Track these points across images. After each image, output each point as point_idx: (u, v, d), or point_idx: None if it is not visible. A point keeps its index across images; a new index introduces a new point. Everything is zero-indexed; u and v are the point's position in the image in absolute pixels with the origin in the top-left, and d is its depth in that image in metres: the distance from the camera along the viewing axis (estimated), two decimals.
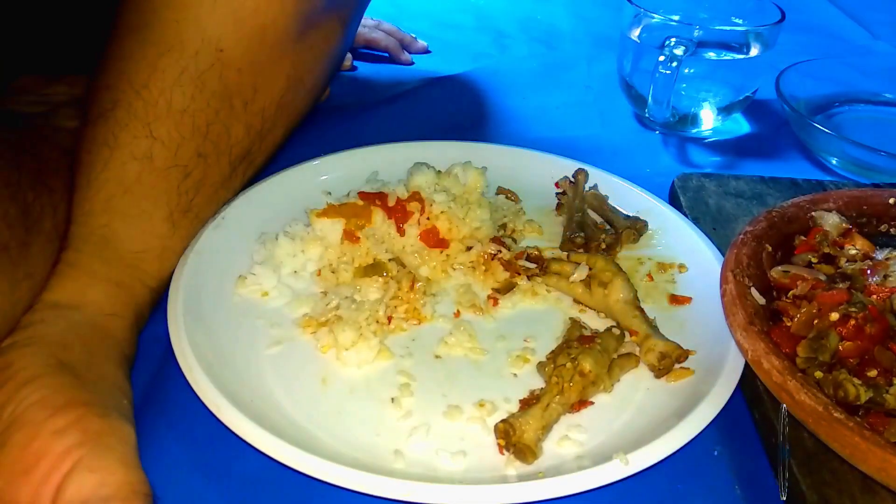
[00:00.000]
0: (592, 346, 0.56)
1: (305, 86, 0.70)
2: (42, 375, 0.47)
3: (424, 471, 0.50)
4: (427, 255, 0.67)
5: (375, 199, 0.67)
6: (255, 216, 0.69)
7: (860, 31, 1.28)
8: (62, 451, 0.43)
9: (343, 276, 0.64)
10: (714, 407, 0.52)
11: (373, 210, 0.67)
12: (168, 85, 0.59)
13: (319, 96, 0.78)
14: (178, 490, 0.50)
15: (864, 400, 0.47)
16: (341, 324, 0.58)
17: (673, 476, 0.51)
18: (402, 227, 0.67)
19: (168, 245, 0.60)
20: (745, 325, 0.52)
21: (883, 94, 0.98)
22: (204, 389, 0.51)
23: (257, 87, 0.64)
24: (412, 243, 0.67)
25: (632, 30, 0.91)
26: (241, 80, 0.62)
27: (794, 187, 0.77)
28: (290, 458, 0.47)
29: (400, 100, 0.98)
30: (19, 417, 0.45)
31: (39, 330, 0.51)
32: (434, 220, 0.67)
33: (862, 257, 0.58)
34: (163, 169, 0.59)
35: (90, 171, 0.58)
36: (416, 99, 0.99)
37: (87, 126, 0.59)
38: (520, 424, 0.51)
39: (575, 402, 0.54)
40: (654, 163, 0.89)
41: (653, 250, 0.71)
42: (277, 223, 0.68)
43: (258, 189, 0.70)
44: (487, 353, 0.60)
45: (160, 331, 0.57)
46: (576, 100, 1.01)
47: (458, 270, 0.67)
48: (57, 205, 0.58)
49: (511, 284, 0.65)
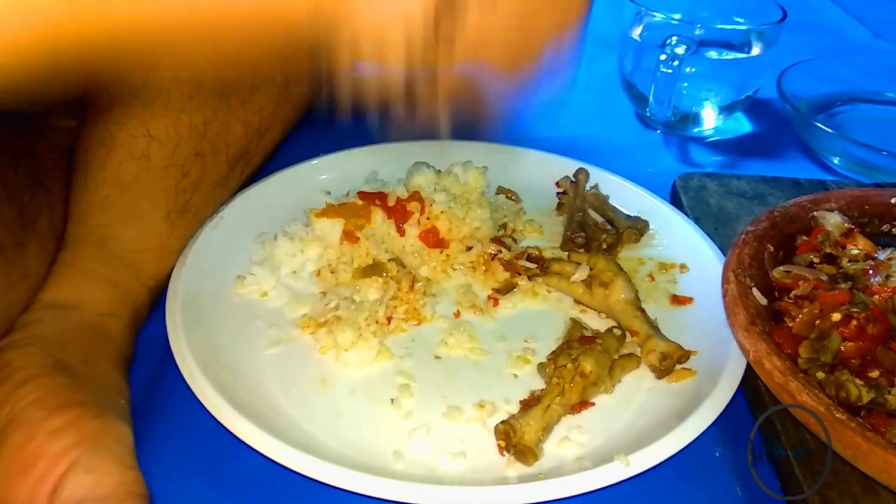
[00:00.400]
0: (593, 346, 0.56)
1: (303, 83, 0.70)
2: (39, 375, 0.47)
3: (424, 472, 0.49)
4: (427, 255, 0.67)
5: (375, 199, 0.67)
6: (254, 216, 0.68)
7: (862, 31, 1.27)
8: (59, 452, 0.43)
9: (342, 277, 0.64)
10: (716, 408, 0.52)
11: (372, 210, 0.67)
12: (165, 84, 0.59)
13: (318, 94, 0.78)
14: (176, 491, 0.49)
15: (865, 401, 0.47)
16: (341, 324, 0.58)
17: (674, 477, 0.51)
18: (402, 226, 0.66)
19: (166, 244, 0.60)
20: (747, 326, 0.52)
21: (885, 94, 0.98)
22: (202, 390, 0.51)
23: (254, 85, 0.64)
24: (412, 243, 0.67)
25: (633, 28, 0.91)
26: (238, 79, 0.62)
27: (795, 187, 0.77)
28: (289, 460, 0.47)
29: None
30: (16, 418, 0.45)
31: (37, 330, 0.51)
32: (434, 220, 0.67)
33: (864, 257, 0.58)
34: (160, 168, 0.59)
35: (88, 170, 0.58)
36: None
37: (85, 125, 0.59)
38: (520, 426, 0.51)
39: (576, 403, 0.54)
40: (655, 162, 0.89)
41: (654, 250, 0.71)
42: (277, 223, 0.68)
43: (257, 189, 0.70)
44: (487, 353, 0.59)
45: (159, 331, 0.57)
46: (576, 99, 1.00)
47: (458, 271, 0.67)
48: (54, 204, 0.58)
49: (511, 285, 0.65)
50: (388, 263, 0.64)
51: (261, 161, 0.69)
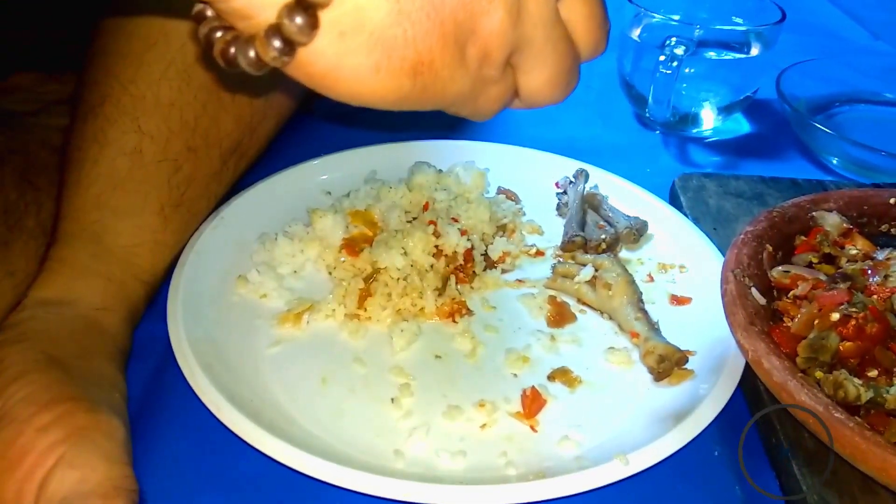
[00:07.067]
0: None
1: None
2: (30, 371, 0.47)
3: (424, 471, 0.49)
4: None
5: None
6: (255, 216, 0.68)
7: (861, 31, 1.28)
8: (46, 447, 0.43)
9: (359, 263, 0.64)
10: (714, 407, 0.52)
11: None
12: (155, 79, 0.59)
13: None
14: (177, 490, 0.49)
15: (864, 400, 0.47)
16: (376, 292, 0.61)
17: (673, 476, 0.51)
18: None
19: (160, 239, 0.60)
20: (746, 326, 0.52)
21: (883, 94, 0.98)
22: (204, 389, 0.51)
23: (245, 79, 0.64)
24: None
25: (632, 29, 0.91)
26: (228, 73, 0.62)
27: (794, 187, 0.77)
28: (289, 458, 0.47)
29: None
30: (6, 414, 0.45)
31: (28, 326, 0.51)
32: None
33: (862, 257, 0.58)
34: (152, 163, 0.59)
35: (80, 167, 0.58)
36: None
37: (76, 122, 0.59)
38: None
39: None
40: (654, 163, 0.89)
41: (653, 250, 0.71)
42: (277, 223, 0.68)
43: (257, 189, 0.70)
44: (487, 353, 0.60)
45: (159, 330, 0.57)
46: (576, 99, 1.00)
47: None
48: (42, 202, 0.58)
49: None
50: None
51: (255, 154, 0.69)
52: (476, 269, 0.66)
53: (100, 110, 0.58)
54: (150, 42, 0.59)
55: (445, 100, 0.37)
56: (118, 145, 0.58)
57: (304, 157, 0.76)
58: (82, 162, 0.58)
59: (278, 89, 0.68)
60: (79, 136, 0.59)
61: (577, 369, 0.58)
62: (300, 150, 0.77)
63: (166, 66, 0.59)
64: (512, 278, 0.67)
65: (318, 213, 0.67)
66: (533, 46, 0.37)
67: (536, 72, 0.39)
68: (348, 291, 0.62)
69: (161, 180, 0.59)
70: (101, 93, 0.59)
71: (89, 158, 0.58)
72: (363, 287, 0.62)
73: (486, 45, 0.35)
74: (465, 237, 0.65)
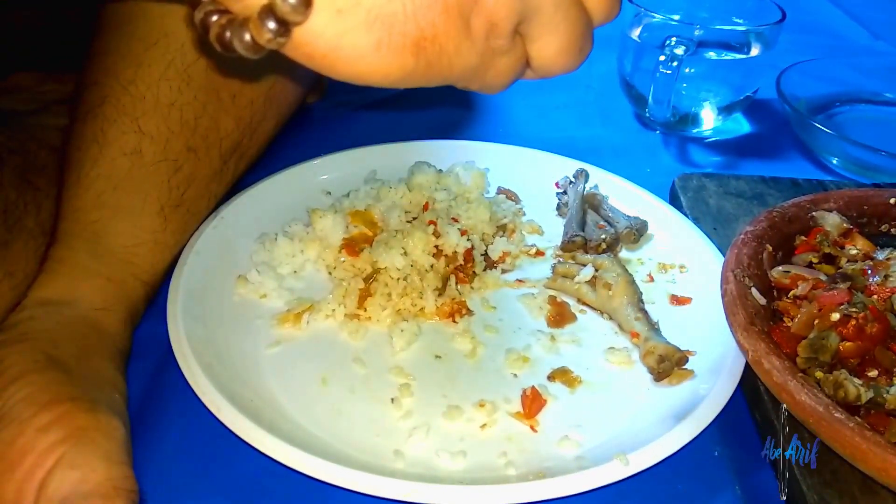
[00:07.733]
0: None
1: (295, 76, 0.70)
2: (30, 372, 0.47)
3: (424, 471, 0.49)
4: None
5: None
6: (255, 216, 0.68)
7: (861, 31, 1.28)
8: (46, 448, 0.43)
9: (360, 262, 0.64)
10: (714, 407, 0.52)
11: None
12: (155, 79, 0.59)
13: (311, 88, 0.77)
14: (177, 490, 0.49)
15: (864, 400, 0.47)
16: (376, 292, 0.61)
17: (673, 476, 0.51)
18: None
19: (160, 239, 0.60)
20: (746, 326, 0.52)
21: (883, 94, 0.98)
22: (204, 389, 0.51)
23: (245, 69, 0.64)
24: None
25: (632, 29, 0.91)
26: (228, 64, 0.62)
27: (794, 187, 0.77)
28: (289, 459, 0.47)
29: (400, 99, 0.98)
30: (6, 415, 0.45)
31: (28, 327, 0.51)
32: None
33: (862, 257, 0.58)
34: (152, 164, 0.59)
35: (80, 168, 0.58)
36: (415, 98, 0.99)
37: (76, 123, 0.59)
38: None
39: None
40: (654, 163, 0.89)
41: (653, 250, 0.71)
42: (277, 223, 0.68)
43: (258, 189, 0.70)
44: (487, 353, 0.60)
45: (160, 330, 0.57)
46: (576, 99, 1.00)
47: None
48: (41, 202, 0.58)
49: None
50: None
51: (255, 154, 0.69)
52: (476, 269, 0.66)
53: (99, 110, 0.58)
54: (150, 42, 0.59)
55: (452, 75, 0.35)
56: (118, 145, 0.58)
57: (304, 157, 0.76)
58: (82, 162, 0.58)
59: (279, 88, 0.68)
60: (78, 137, 0.58)
61: (577, 369, 0.58)
62: (300, 150, 0.78)
63: (166, 66, 0.59)
64: (512, 278, 0.68)
65: (318, 213, 0.67)
66: (542, 13, 0.35)
67: (547, 40, 0.37)
68: (348, 291, 0.62)
69: (161, 180, 0.59)
70: (100, 93, 0.59)
71: (89, 158, 0.58)
72: (363, 287, 0.62)
73: (492, 15, 0.34)
74: (465, 237, 0.65)
